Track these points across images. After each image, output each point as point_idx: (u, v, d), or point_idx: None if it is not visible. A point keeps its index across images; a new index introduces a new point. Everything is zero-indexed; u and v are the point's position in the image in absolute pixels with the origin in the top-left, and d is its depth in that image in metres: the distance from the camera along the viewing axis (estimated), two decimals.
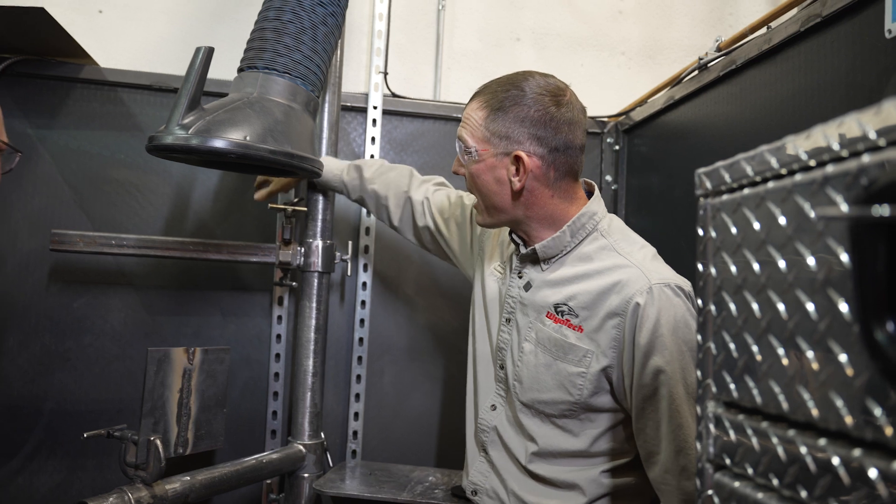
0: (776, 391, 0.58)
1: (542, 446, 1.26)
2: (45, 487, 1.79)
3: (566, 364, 1.22)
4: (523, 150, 1.22)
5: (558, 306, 1.24)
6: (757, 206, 0.61)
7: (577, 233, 1.26)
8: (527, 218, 1.27)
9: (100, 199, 1.86)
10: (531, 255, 1.29)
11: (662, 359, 1.14)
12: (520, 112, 1.22)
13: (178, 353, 1.35)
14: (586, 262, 1.24)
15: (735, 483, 0.63)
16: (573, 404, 1.22)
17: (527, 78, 1.26)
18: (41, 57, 1.80)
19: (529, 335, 1.27)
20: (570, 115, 1.25)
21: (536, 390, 1.25)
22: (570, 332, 1.22)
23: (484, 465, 1.36)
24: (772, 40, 1.39)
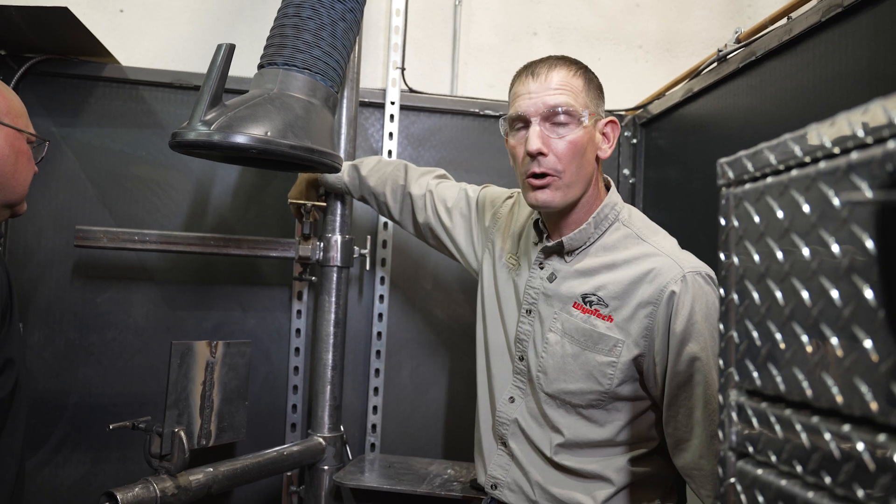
0: (800, 378, 0.58)
1: (569, 437, 1.25)
2: (71, 479, 1.83)
3: (595, 354, 1.21)
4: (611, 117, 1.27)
5: (586, 296, 1.23)
6: (780, 194, 0.61)
7: (600, 224, 1.26)
8: (588, 195, 1.26)
9: (122, 196, 1.88)
10: (556, 248, 1.29)
11: (697, 345, 1.14)
12: (598, 83, 1.27)
13: (201, 347, 1.36)
14: (612, 252, 1.24)
15: (758, 471, 0.63)
16: (602, 394, 1.21)
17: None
18: (64, 56, 1.83)
19: (555, 326, 1.26)
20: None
21: (563, 381, 1.24)
22: (599, 321, 1.21)
23: (503, 457, 1.35)
24: (792, 31, 1.38)
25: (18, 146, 1.28)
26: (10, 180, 1.26)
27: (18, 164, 1.27)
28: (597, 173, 1.28)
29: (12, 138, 1.26)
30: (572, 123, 1.20)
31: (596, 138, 1.25)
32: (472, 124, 2.07)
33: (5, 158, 1.25)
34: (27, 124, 1.32)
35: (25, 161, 1.30)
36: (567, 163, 1.20)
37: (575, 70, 1.24)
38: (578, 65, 1.27)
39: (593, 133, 1.24)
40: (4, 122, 1.25)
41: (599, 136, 1.25)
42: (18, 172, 1.28)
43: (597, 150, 1.25)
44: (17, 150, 1.27)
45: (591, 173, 1.25)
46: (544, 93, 1.21)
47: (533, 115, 1.21)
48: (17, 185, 1.28)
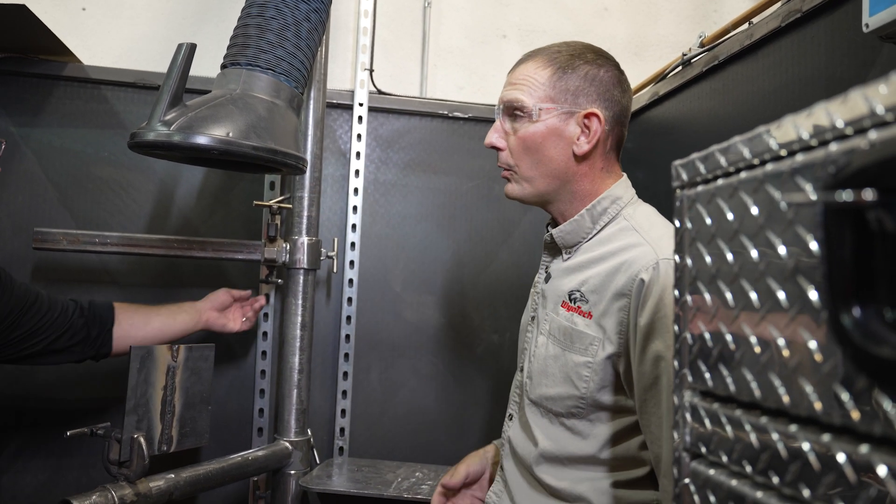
0: (749, 379, 0.58)
1: (549, 449, 1.15)
2: (30, 487, 1.78)
3: (573, 354, 1.12)
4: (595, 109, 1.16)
5: (572, 293, 1.16)
6: (730, 196, 0.61)
7: (598, 218, 1.18)
8: (570, 193, 1.19)
9: (83, 197, 1.85)
10: (552, 244, 1.23)
11: (663, 343, 1.02)
12: (591, 71, 1.17)
13: (161, 351, 1.34)
14: (604, 245, 1.16)
15: (710, 471, 0.63)
16: (580, 399, 1.12)
17: (583, 42, 1.23)
18: (24, 55, 1.79)
19: (544, 327, 1.20)
20: (628, 83, 1.23)
21: (545, 385, 1.16)
22: (579, 318, 1.13)
23: (498, 483, 1.28)
24: (753, 36, 1.40)
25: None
26: None
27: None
28: (583, 169, 1.18)
29: None
30: (524, 118, 1.17)
31: (567, 132, 1.16)
32: (442, 126, 2.07)
33: None
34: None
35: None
36: (518, 158, 1.18)
37: (548, 60, 1.18)
38: (563, 53, 1.18)
39: (559, 127, 1.16)
40: None
41: (576, 130, 1.16)
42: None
43: (570, 144, 1.16)
44: None
45: (559, 169, 1.17)
46: (506, 87, 1.21)
47: (497, 110, 1.22)
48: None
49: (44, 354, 1.44)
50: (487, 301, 2.07)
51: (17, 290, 1.40)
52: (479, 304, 2.07)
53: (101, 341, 1.49)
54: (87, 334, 1.47)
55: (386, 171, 2.04)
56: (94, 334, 1.48)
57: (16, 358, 1.41)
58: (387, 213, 2.04)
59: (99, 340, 1.49)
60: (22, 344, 1.40)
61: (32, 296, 1.42)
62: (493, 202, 2.09)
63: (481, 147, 2.08)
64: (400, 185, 2.05)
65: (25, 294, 1.41)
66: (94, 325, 1.49)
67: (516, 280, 2.09)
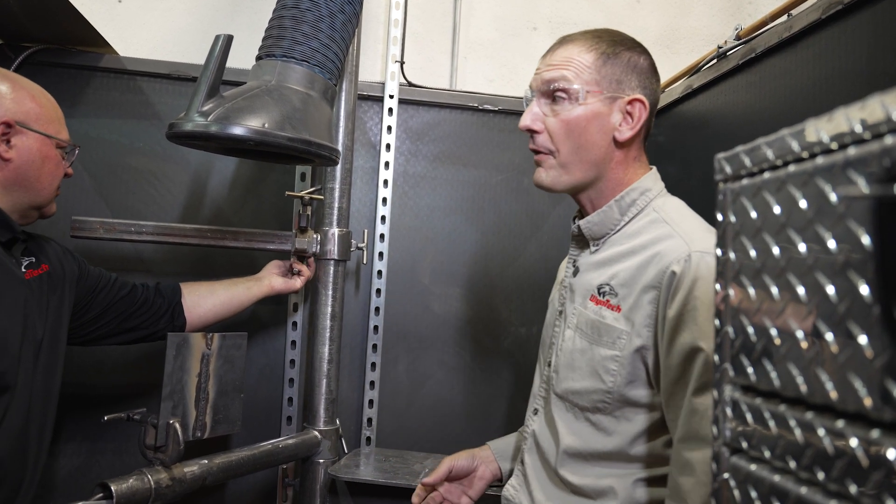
0: (794, 374, 0.58)
1: (572, 445, 1.14)
2: (65, 470, 1.82)
3: (601, 348, 1.10)
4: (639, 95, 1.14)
5: (601, 287, 1.14)
6: (777, 189, 0.61)
7: (626, 210, 1.16)
8: (603, 181, 1.17)
9: (119, 187, 1.88)
10: (580, 236, 1.22)
11: (691, 335, 0.99)
12: (632, 58, 1.15)
13: (196, 339, 1.36)
14: (633, 239, 1.14)
15: (751, 466, 0.63)
16: (606, 394, 1.10)
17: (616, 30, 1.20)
18: (61, 46, 1.82)
19: (571, 321, 1.18)
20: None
21: (571, 379, 1.14)
22: (608, 312, 1.11)
23: (517, 477, 1.27)
24: (792, 28, 1.38)
25: (46, 152, 1.31)
26: (34, 184, 1.30)
27: (44, 170, 1.31)
28: (620, 157, 1.16)
29: (40, 144, 1.30)
30: (568, 101, 1.13)
31: (611, 118, 1.13)
32: (471, 119, 2.07)
33: (30, 164, 1.28)
34: (59, 129, 1.35)
35: (52, 166, 1.33)
36: (560, 141, 1.14)
37: (592, 44, 1.15)
38: (605, 39, 1.16)
39: (603, 112, 1.13)
40: (34, 128, 1.28)
41: (618, 116, 1.14)
42: (43, 177, 1.31)
43: (612, 130, 1.14)
44: (43, 156, 1.30)
45: (600, 156, 1.15)
46: (545, 68, 1.16)
47: (534, 91, 1.18)
48: (42, 190, 1.32)
49: (116, 334, 1.53)
50: (515, 294, 2.07)
51: (93, 273, 1.50)
52: (507, 297, 2.07)
53: (175, 312, 1.57)
54: (157, 310, 1.55)
55: (415, 164, 2.04)
56: (165, 308, 1.56)
57: (90, 339, 1.50)
58: (416, 206, 2.04)
59: (170, 312, 1.57)
60: (94, 324, 1.48)
61: (105, 278, 1.51)
62: (521, 195, 2.08)
63: (511, 140, 2.09)
64: (429, 177, 2.05)
65: (99, 277, 1.50)
66: (163, 300, 1.56)
67: (544, 273, 2.08)
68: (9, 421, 1.22)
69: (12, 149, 1.26)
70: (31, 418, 1.27)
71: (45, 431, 1.34)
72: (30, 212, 1.34)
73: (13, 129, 1.25)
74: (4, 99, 1.26)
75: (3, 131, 1.24)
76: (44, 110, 1.32)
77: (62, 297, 1.38)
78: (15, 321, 1.23)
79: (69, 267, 1.43)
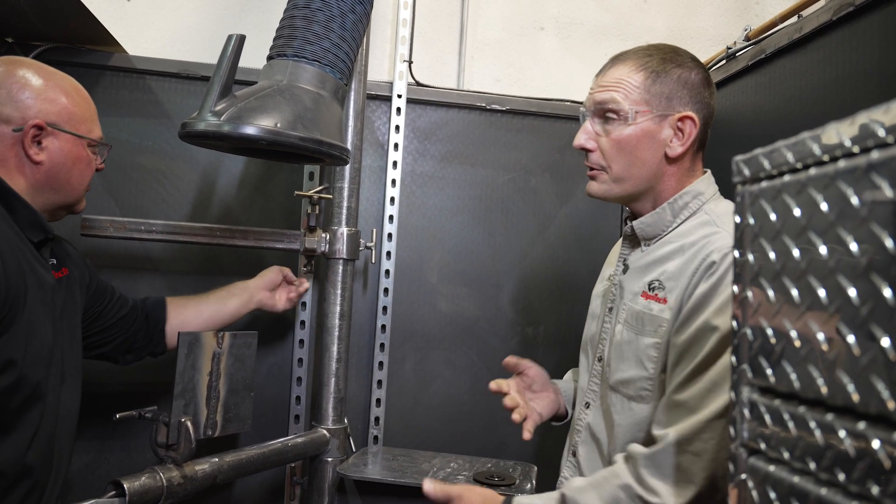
0: (815, 376, 0.58)
1: (619, 435, 1.20)
2: (74, 468, 1.83)
3: (644, 336, 1.17)
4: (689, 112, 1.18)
5: (651, 283, 1.19)
6: (798, 192, 0.61)
7: (678, 212, 1.21)
8: (657, 191, 1.22)
9: (128, 186, 1.88)
10: (632, 236, 1.27)
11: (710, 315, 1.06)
12: (683, 74, 1.19)
13: (207, 337, 1.37)
14: (684, 238, 1.19)
15: (770, 467, 0.64)
16: (647, 381, 1.16)
17: (670, 45, 1.25)
18: (71, 45, 1.82)
19: (621, 316, 1.24)
20: (713, 83, 1.25)
21: (621, 370, 1.20)
22: (655, 304, 1.17)
23: (570, 468, 1.32)
24: (803, 29, 1.38)
25: (77, 153, 1.28)
26: (64, 186, 1.28)
27: (74, 171, 1.28)
28: (673, 169, 1.21)
29: (72, 145, 1.27)
30: (619, 120, 1.19)
31: (661, 134, 1.18)
32: (479, 118, 2.07)
33: (61, 166, 1.26)
34: (90, 128, 1.32)
35: (83, 167, 1.31)
36: (612, 159, 1.20)
37: (641, 63, 1.19)
38: (655, 57, 1.20)
39: (654, 129, 1.18)
40: (66, 128, 1.26)
41: (669, 132, 1.18)
42: (73, 178, 1.29)
43: (663, 146, 1.19)
44: (74, 157, 1.28)
45: (650, 170, 1.20)
46: (597, 89, 1.22)
47: (587, 111, 1.24)
48: (72, 190, 1.30)
49: (115, 353, 1.53)
50: (522, 294, 2.08)
51: (100, 287, 1.48)
52: (514, 296, 2.07)
53: (156, 341, 1.56)
54: (145, 333, 1.55)
55: (423, 163, 2.05)
56: (151, 334, 1.55)
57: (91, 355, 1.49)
58: (423, 205, 2.05)
59: (153, 340, 1.56)
60: (97, 337, 1.48)
61: (109, 295, 1.50)
62: (529, 195, 2.09)
63: (518, 139, 2.09)
64: (437, 176, 2.05)
65: (105, 288, 1.49)
66: (152, 324, 1.56)
67: (552, 273, 2.09)
68: (42, 430, 1.21)
69: (43, 151, 1.24)
70: (59, 425, 1.27)
71: (70, 439, 1.33)
72: (59, 211, 1.33)
73: (45, 130, 1.23)
74: (37, 98, 1.23)
75: (34, 134, 1.22)
76: (77, 108, 1.28)
77: (79, 303, 1.38)
78: (48, 330, 1.22)
79: (83, 273, 1.42)
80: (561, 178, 2.10)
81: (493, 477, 1.62)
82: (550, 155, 2.10)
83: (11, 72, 1.24)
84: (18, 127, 1.21)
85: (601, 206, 2.11)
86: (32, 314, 1.18)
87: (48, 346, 1.22)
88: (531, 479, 1.64)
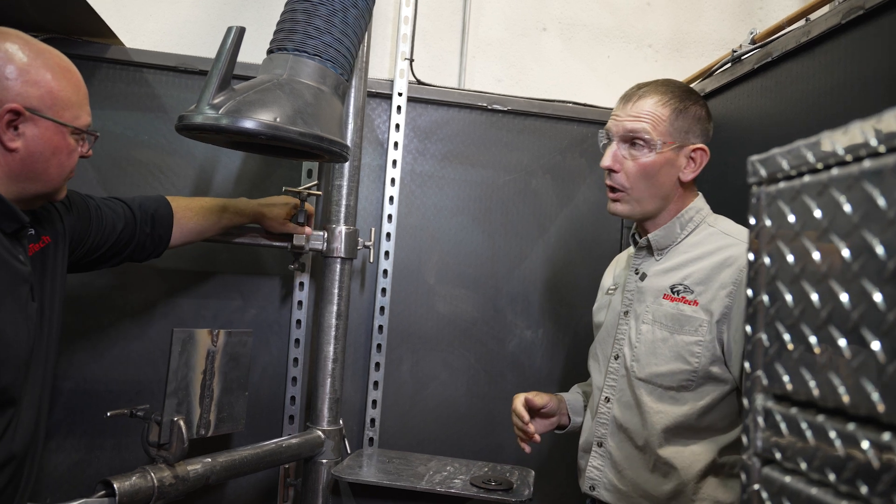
0: (836, 384, 0.56)
1: (657, 421, 1.32)
2: (64, 466, 1.80)
3: (683, 335, 1.31)
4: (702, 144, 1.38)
5: (674, 287, 1.35)
6: (819, 193, 0.59)
7: (685, 225, 1.40)
8: (668, 210, 1.40)
9: (123, 180, 1.85)
10: (646, 246, 1.43)
11: None
12: (696, 111, 1.38)
13: (202, 335, 1.34)
14: (697, 248, 1.37)
15: (786, 478, 0.61)
16: (692, 373, 1.30)
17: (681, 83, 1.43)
18: (67, 36, 1.80)
19: (646, 317, 1.38)
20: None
21: (654, 364, 1.34)
22: (686, 306, 1.33)
23: (597, 458, 1.44)
24: (810, 33, 1.37)
25: (57, 142, 1.17)
26: (41, 176, 1.17)
27: (53, 161, 1.17)
28: (681, 191, 1.40)
29: (52, 133, 1.16)
30: (646, 148, 1.35)
31: (678, 162, 1.37)
32: (480, 118, 2.05)
33: (37, 155, 1.15)
34: (76, 115, 1.20)
35: (63, 157, 1.19)
36: (634, 182, 1.37)
37: (667, 99, 1.36)
38: (676, 94, 1.37)
39: (673, 158, 1.36)
40: (47, 115, 1.15)
41: (684, 161, 1.37)
42: (51, 168, 1.18)
43: (678, 172, 1.37)
44: (53, 146, 1.17)
45: (666, 192, 1.38)
46: (626, 118, 1.37)
47: (614, 136, 1.39)
48: (50, 181, 1.19)
49: (110, 258, 1.48)
50: (521, 296, 2.06)
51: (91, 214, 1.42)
52: (513, 299, 2.05)
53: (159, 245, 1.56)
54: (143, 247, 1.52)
55: (423, 162, 2.02)
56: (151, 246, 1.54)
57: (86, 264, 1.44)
58: (422, 205, 2.02)
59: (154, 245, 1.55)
60: (90, 255, 1.42)
61: (98, 222, 1.43)
62: (529, 196, 2.07)
63: (519, 140, 2.07)
64: (436, 176, 2.03)
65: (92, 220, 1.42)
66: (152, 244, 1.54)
67: (551, 276, 2.07)
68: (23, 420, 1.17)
69: (19, 137, 1.13)
70: (40, 410, 1.23)
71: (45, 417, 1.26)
72: (36, 200, 1.22)
73: (22, 115, 1.12)
74: (19, 79, 1.11)
75: (9, 119, 1.11)
76: (63, 93, 1.17)
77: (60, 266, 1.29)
78: (20, 329, 1.15)
79: (67, 222, 1.32)
80: (562, 180, 2.08)
81: (491, 482, 1.59)
82: (551, 156, 2.08)
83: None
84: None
85: (602, 209, 2.08)
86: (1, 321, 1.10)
87: (22, 347, 1.15)
88: (529, 485, 1.62)
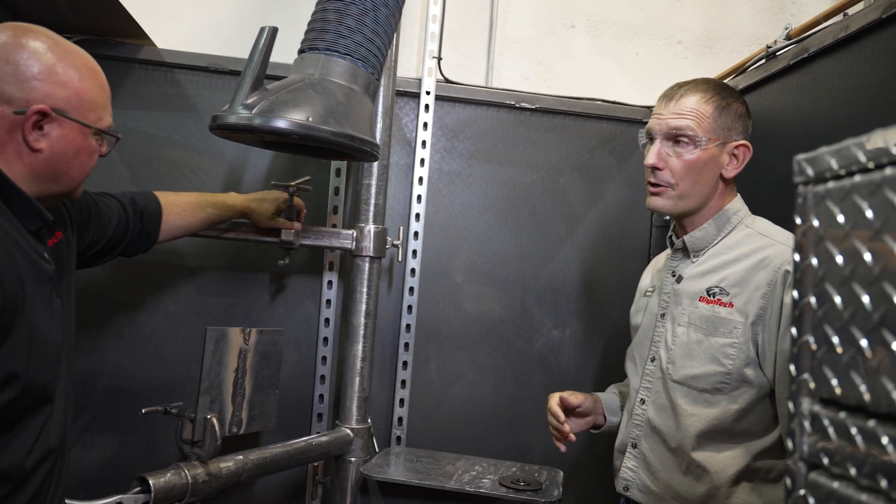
0: (889, 388, 0.55)
1: (690, 424, 1.31)
2: (97, 461, 1.83)
3: (717, 337, 1.30)
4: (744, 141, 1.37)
5: (710, 289, 1.34)
6: (871, 193, 0.58)
7: (722, 227, 1.38)
8: (709, 207, 1.39)
9: (155, 180, 1.87)
10: (682, 248, 1.42)
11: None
12: (738, 108, 1.37)
13: (234, 333, 1.35)
14: (734, 250, 1.35)
15: (834, 484, 0.60)
16: (726, 375, 1.28)
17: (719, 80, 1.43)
18: (101, 37, 1.82)
19: (682, 320, 1.37)
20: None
21: (689, 367, 1.33)
22: (721, 308, 1.31)
23: (631, 459, 1.43)
24: (849, 28, 1.34)
25: (80, 142, 1.16)
26: (62, 176, 1.17)
27: (75, 162, 1.17)
28: (722, 189, 1.38)
29: (76, 133, 1.15)
30: (690, 145, 1.34)
31: (721, 159, 1.36)
32: (508, 117, 2.04)
33: (61, 156, 1.15)
34: (100, 116, 1.19)
35: (85, 157, 1.19)
36: (680, 178, 1.36)
37: (709, 96, 1.35)
38: (717, 91, 1.36)
39: (717, 154, 1.35)
40: (72, 115, 1.14)
41: (727, 158, 1.36)
42: (73, 169, 1.17)
43: (720, 169, 1.36)
44: (76, 147, 1.16)
45: (709, 189, 1.37)
46: (669, 116, 1.36)
47: (657, 134, 1.38)
48: (71, 181, 1.19)
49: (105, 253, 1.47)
50: (549, 295, 2.05)
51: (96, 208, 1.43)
52: (540, 298, 2.04)
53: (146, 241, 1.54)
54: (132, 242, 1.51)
55: (450, 161, 2.02)
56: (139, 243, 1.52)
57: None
58: (450, 204, 2.02)
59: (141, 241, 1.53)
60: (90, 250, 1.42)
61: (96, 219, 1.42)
62: (557, 195, 2.06)
63: (547, 139, 2.06)
64: (464, 175, 2.03)
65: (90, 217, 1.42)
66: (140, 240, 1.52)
67: (579, 275, 2.05)
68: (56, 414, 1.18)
69: (44, 137, 1.12)
70: (67, 403, 1.24)
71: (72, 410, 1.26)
72: (55, 199, 1.22)
73: (48, 116, 1.11)
74: (46, 80, 1.10)
75: (35, 120, 1.10)
76: (89, 94, 1.16)
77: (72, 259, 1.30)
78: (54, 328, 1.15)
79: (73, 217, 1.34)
80: (590, 179, 2.07)
81: (520, 482, 1.59)
82: (580, 155, 2.07)
83: (20, 43, 1.09)
84: (21, 110, 1.09)
85: (631, 208, 2.07)
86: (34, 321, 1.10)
87: (56, 345, 1.15)
88: (558, 485, 1.61)
